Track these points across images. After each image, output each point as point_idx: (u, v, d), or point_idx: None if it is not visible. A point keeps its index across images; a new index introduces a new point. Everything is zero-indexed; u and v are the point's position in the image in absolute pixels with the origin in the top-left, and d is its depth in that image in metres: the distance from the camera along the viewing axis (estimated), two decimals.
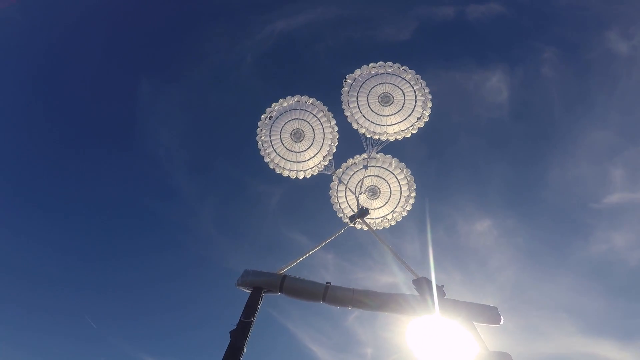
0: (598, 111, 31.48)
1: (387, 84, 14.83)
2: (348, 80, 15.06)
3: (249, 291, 9.35)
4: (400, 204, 16.10)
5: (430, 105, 14.81)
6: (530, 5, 34.05)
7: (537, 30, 34.50)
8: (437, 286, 9.01)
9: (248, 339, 8.13)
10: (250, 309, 8.74)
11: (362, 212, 13.50)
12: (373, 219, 16.24)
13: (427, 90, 14.66)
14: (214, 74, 40.41)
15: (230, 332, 8.19)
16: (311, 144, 16.16)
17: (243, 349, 7.88)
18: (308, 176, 16.47)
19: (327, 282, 9.34)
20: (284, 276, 9.40)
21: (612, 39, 30.33)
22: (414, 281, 9.55)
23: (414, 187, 15.51)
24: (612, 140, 30.27)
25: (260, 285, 9.28)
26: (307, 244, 34.77)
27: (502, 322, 8.52)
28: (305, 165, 16.46)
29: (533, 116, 34.22)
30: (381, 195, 16.36)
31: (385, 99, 15.21)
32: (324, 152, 16.16)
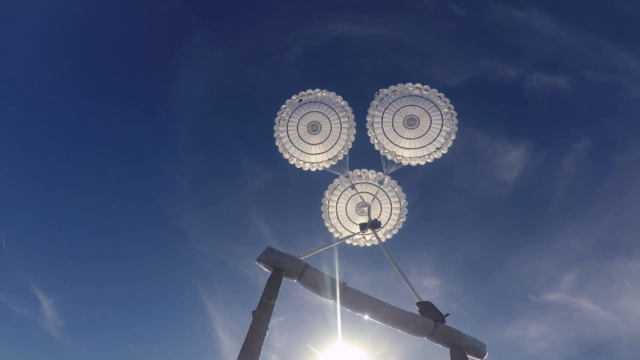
0: (590, 220, 32.36)
1: (418, 107, 15.19)
2: (380, 94, 15.19)
3: (268, 270, 8.76)
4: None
5: (453, 138, 15.41)
6: (593, 89, 32.76)
7: (584, 116, 34.07)
8: (440, 313, 9.59)
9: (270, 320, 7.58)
10: (272, 290, 8.16)
11: (375, 224, 13.61)
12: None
13: (455, 122, 15.26)
14: (261, 47, 38.05)
15: (253, 313, 7.58)
16: (322, 142, 16.07)
17: (266, 331, 7.33)
18: (313, 169, 16.20)
19: (343, 282, 9.24)
20: (306, 264, 9.01)
21: None
22: (417, 304, 10.01)
23: (399, 227, 16.18)
24: (584, 250, 32.30)
25: (282, 267, 8.74)
26: (267, 237, 34.94)
27: (486, 356, 9.42)
28: (307, 158, 16.29)
29: (528, 205, 34.82)
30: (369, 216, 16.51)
31: (411, 122, 15.41)
32: (329, 155, 16.16)
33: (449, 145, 15.75)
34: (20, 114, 33.37)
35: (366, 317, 9.02)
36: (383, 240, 16.14)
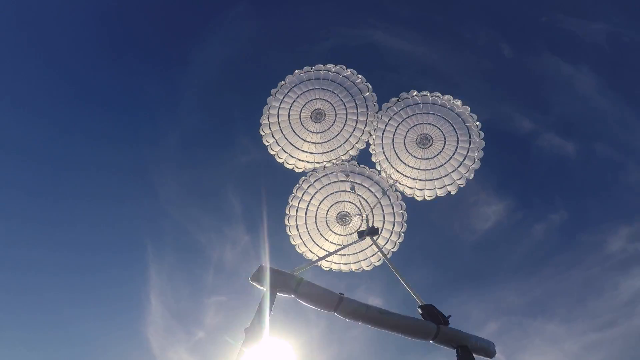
0: (534, 282, 33.93)
1: (434, 127, 13.81)
2: (400, 101, 14.07)
3: (262, 288, 8.98)
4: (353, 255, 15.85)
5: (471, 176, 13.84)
6: (596, 164, 33.07)
7: (574, 190, 34.58)
8: (444, 315, 9.42)
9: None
10: (266, 307, 8.41)
11: (373, 231, 13.61)
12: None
13: (479, 155, 13.55)
14: (295, 33, 37.97)
15: (245, 330, 7.84)
16: (324, 141, 14.81)
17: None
18: (298, 170, 15.16)
19: (340, 293, 9.29)
20: (301, 279, 9.17)
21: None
22: (419, 307, 9.89)
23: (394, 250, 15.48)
24: (517, 306, 33.84)
25: (276, 285, 8.95)
26: (237, 216, 34.52)
27: (495, 356, 9.12)
28: (297, 153, 15.04)
29: (486, 256, 35.92)
30: (350, 225, 16.10)
31: (425, 141, 14.12)
32: (329, 157, 14.91)
33: (470, 177, 13.94)
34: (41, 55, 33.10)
35: (361, 322, 9.00)
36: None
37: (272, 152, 15.07)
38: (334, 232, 15.82)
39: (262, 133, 14.76)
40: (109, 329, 35.11)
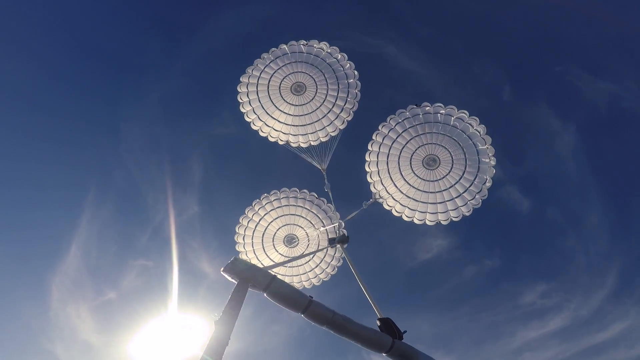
0: (447, 317, 36.89)
1: (445, 150, 13.46)
2: (417, 108, 13.67)
3: (234, 281, 8.76)
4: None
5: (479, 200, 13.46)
6: (550, 223, 36.21)
7: (515, 241, 37.58)
8: (400, 331, 9.95)
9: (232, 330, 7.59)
10: (237, 301, 8.20)
11: (343, 239, 13.80)
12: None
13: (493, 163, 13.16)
14: (312, 26, 37.92)
15: (215, 322, 7.57)
16: (303, 114, 14.56)
17: (228, 341, 7.34)
18: (280, 142, 14.92)
19: (309, 296, 9.40)
20: (274, 277, 9.10)
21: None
22: (379, 319, 10.33)
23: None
24: (423, 335, 36.09)
25: (248, 279, 8.78)
26: (194, 184, 33.93)
27: None
28: (272, 122, 14.70)
29: (417, 282, 38.16)
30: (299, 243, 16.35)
31: (432, 163, 13.73)
32: (304, 132, 14.68)
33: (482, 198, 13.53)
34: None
35: (325, 327, 9.20)
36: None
37: (248, 119, 14.75)
38: (277, 251, 15.97)
39: (239, 90, 14.52)
40: (9, 271, 31.37)
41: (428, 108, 13.70)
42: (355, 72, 14.40)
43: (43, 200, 32.38)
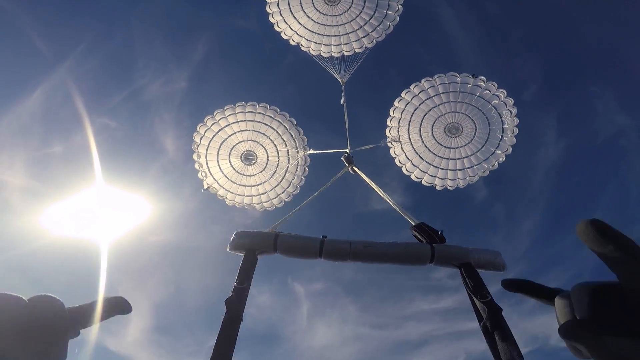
0: (411, 324, 39.02)
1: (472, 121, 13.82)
2: (473, 77, 13.40)
3: (241, 254, 8.93)
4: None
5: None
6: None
7: None
8: (436, 231, 8.65)
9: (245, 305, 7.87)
10: (245, 273, 8.31)
11: (349, 159, 12.90)
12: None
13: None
14: None
15: (226, 302, 7.83)
16: (327, 22, 13.88)
17: (241, 318, 7.61)
18: (293, 42, 14.37)
19: (322, 236, 8.90)
20: (277, 234, 8.91)
21: None
22: (411, 227, 9.18)
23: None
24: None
25: (254, 247, 8.80)
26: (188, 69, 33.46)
27: (506, 268, 8.27)
28: (297, 26, 14.02)
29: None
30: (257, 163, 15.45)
31: (455, 131, 14.02)
32: (329, 42, 14.01)
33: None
34: None
35: (349, 261, 8.66)
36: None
37: (273, 21, 14.00)
38: (230, 164, 15.25)
39: None
40: None
41: (471, 80, 13.58)
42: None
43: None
